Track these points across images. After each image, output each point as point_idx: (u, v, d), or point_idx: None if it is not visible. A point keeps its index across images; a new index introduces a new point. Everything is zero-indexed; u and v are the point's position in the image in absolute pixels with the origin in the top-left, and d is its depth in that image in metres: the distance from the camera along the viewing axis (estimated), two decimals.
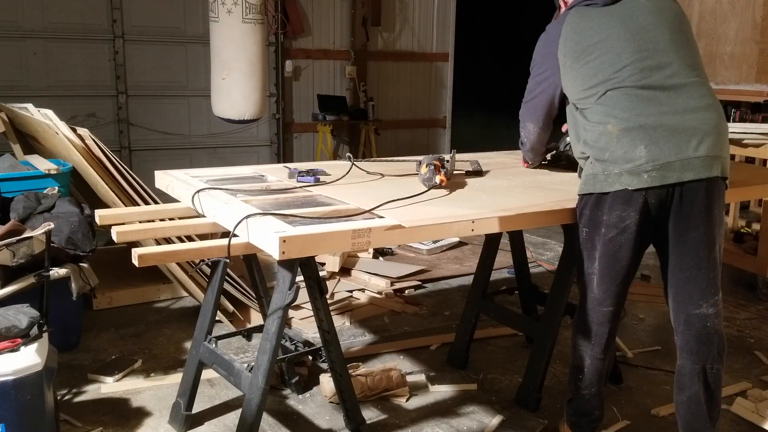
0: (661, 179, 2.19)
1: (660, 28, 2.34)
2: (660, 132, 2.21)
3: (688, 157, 2.19)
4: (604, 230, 2.31)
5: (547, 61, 2.50)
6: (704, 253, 2.27)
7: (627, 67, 2.28)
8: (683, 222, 2.26)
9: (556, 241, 5.63)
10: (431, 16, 8.27)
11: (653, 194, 2.22)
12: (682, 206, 2.24)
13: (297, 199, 2.50)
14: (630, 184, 2.22)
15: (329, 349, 2.58)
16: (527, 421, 2.88)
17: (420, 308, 4.15)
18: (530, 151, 2.95)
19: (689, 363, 2.36)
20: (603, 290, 2.39)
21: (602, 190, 2.29)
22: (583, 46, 2.36)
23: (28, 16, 6.05)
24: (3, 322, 2.25)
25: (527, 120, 2.71)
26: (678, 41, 2.34)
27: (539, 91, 2.57)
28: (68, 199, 3.52)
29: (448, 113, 8.68)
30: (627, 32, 2.32)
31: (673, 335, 2.44)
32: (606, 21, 2.35)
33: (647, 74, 2.27)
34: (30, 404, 2.18)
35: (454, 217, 2.29)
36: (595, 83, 2.32)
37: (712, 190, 2.24)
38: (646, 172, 2.20)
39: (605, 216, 2.30)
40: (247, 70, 5.30)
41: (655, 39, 2.31)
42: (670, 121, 2.22)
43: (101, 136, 4.45)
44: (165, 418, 2.81)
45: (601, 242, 2.34)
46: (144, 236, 2.77)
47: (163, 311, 4.02)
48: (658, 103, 2.25)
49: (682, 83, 2.28)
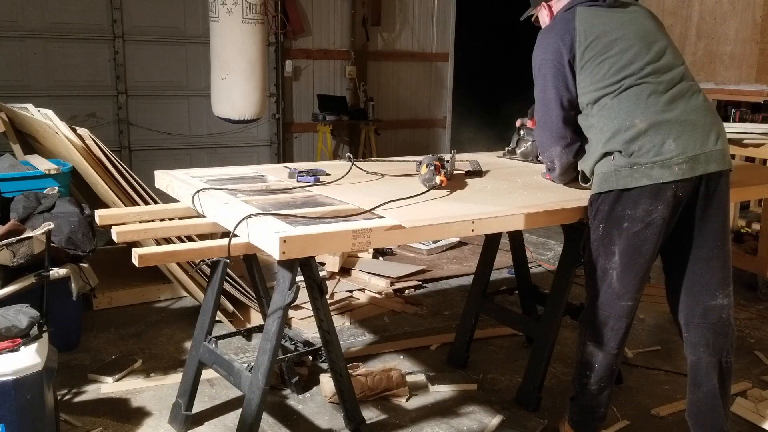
0: (690, 171, 2.26)
1: (659, 34, 2.46)
2: (685, 126, 2.29)
3: (711, 149, 2.29)
4: (627, 224, 2.33)
5: (544, 66, 2.48)
6: (721, 243, 2.36)
7: (648, 65, 2.35)
8: (704, 212, 2.34)
9: (556, 241, 5.63)
10: (431, 16, 8.27)
11: (682, 186, 2.28)
12: (706, 197, 2.33)
13: (297, 199, 2.50)
14: (661, 177, 2.26)
15: (329, 349, 2.58)
16: (527, 421, 2.88)
17: (420, 308, 4.15)
18: (563, 175, 2.73)
19: (705, 356, 2.38)
20: (624, 284, 2.39)
21: (626, 186, 2.30)
22: (603, 41, 2.36)
23: (28, 16, 6.05)
24: (3, 322, 2.25)
25: (548, 144, 2.59)
26: (673, 48, 2.46)
27: (546, 101, 2.51)
28: (68, 199, 3.52)
29: (448, 113, 8.68)
30: (639, 33, 2.40)
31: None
32: (618, 20, 2.41)
33: (664, 73, 2.36)
34: (30, 404, 2.18)
35: (454, 217, 2.29)
36: (616, 79, 2.34)
37: (726, 181, 2.36)
38: (677, 165, 2.26)
39: (629, 210, 2.32)
40: (247, 70, 5.30)
41: (660, 43, 2.42)
42: (690, 117, 2.32)
43: (101, 136, 4.45)
44: (165, 418, 2.81)
45: (623, 237, 2.35)
46: (144, 236, 2.77)
47: (163, 311, 4.02)
48: (677, 100, 2.33)
49: (689, 85, 2.40)
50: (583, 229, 2.74)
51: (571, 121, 2.51)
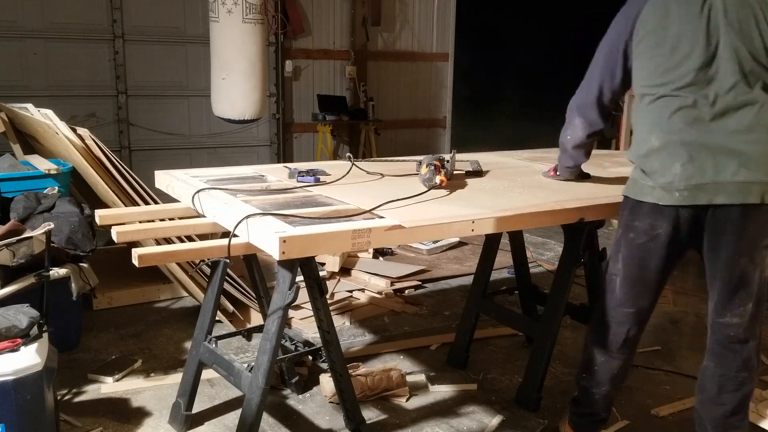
0: (691, 199, 2.16)
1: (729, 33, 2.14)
2: (701, 152, 2.14)
3: (724, 180, 2.13)
4: (633, 235, 2.31)
5: (604, 42, 2.40)
6: (734, 273, 2.23)
7: (690, 73, 2.16)
8: (715, 241, 2.23)
9: (556, 241, 5.63)
10: (431, 16, 8.28)
11: (684, 211, 2.20)
12: (715, 226, 2.20)
13: (297, 199, 2.50)
14: (661, 199, 2.20)
15: (329, 349, 2.58)
16: (527, 421, 2.88)
17: (420, 308, 4.15)
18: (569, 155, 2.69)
19: (712, 365, 2.37)
20: (624, 292, 2.38)
21: (637, 197, 2.28)
22: (659, 35, 2.21)
23: (28, 16, 6.05)
24: (3, 322, 2.25)
25: (574, 114, 2.53)
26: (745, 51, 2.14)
27: (590, 74, 2.44)
28: (68, 199, 3.52)
29: (448, 113, 8.68)
30: (701, 32, 2.15)
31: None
32: (687, 10, 2.18)
33: (708, 84, 2.15)
34: (30, 404, 2.17)
35: (454, 217, 2.29)
36: (656, 82, 2.23)
37: (748, 215, 2.16)
38: (677, 191, 2.17)
39: (637, 222, 2.29)
40: (247, 70, 5.30)
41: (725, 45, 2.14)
42: (715, 141, 2.14)
43: (101, 136, 4.45)
44: (165, 418, 2.81)
45: (628, 246, 2.34)
46: (144, 236, 2.77)
47: (163, 311, 4.02)
48: (706, 120, 2.15)
49: (739, 102, 2.14)
50: (583, 229, 2.74)
51: (603, 105, 2.45)
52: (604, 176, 3.05)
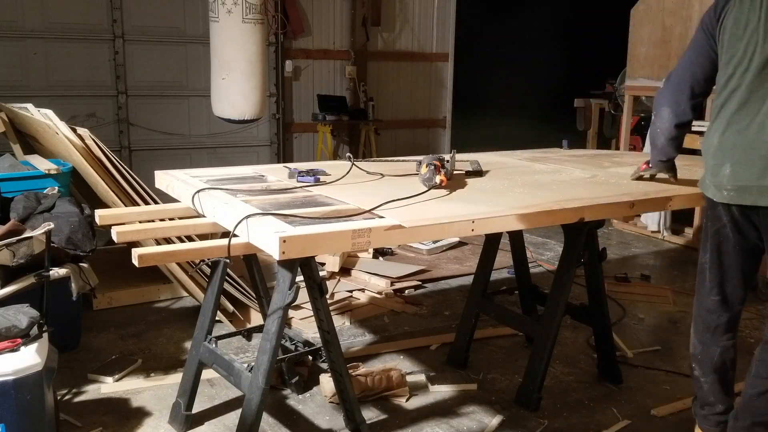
0: (738, 199, 2.30)
1: None
2: (749, 154, 2.25)
3: (766, 185, 2.23)
4: (710, 223, 2.45)
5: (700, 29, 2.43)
6: None
7: (747, 72, 2.24)
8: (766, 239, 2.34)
9: (556, 241, 5.63)
10: (431, 16, 8.28)
11: (737, 208, 2.33)
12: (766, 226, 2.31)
13: (297, 199, 2.50)
14: (715, 196, 2.37)
15: (329, 349, 2.58)
16: (527, 421, 2.87)
17: (420, 308, 4.15)
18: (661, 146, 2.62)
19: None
20: (710, 279, 2.48)
21: (702, 190, 2.47)
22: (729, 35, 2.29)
23: (28, 16, 6.05)
24: (3, 322, 2.25)
25: (662, 103, 2.54)
26: None
27: (682, 61, 2.49)
28: (68, 199, 3.53)
29: (448, 113, 8.68)
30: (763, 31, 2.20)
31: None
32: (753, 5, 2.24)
33: (757, 86, 2.23)
34: (30, 404, 2.18)
35: (454, 217, 2.29)
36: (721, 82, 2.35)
37: None
38: (726, 190, 2.31)
39: (710, 211, 2.45)
40: (247, 70, 5.31)
41: None
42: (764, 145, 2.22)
43: (101, 136, 4.45)
44: (165, 418, 2.81)
45: (709, 234, 2.46)
46: (144, 236, 2.77)
47: (163, 311, 4.02)
48: (758, 121, 2.24)
49: None
50: (583, 228, 2.74)
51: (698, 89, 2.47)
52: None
